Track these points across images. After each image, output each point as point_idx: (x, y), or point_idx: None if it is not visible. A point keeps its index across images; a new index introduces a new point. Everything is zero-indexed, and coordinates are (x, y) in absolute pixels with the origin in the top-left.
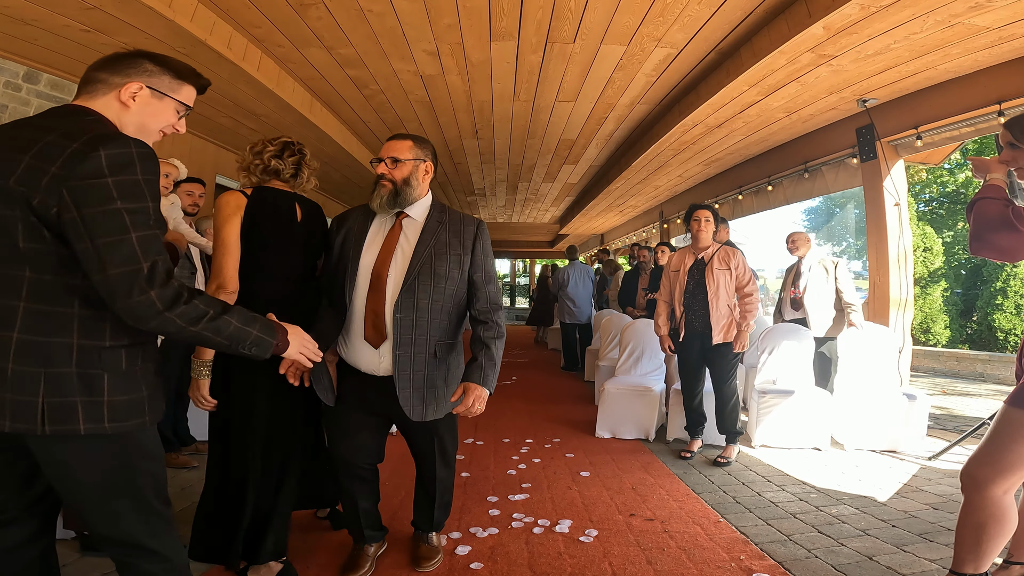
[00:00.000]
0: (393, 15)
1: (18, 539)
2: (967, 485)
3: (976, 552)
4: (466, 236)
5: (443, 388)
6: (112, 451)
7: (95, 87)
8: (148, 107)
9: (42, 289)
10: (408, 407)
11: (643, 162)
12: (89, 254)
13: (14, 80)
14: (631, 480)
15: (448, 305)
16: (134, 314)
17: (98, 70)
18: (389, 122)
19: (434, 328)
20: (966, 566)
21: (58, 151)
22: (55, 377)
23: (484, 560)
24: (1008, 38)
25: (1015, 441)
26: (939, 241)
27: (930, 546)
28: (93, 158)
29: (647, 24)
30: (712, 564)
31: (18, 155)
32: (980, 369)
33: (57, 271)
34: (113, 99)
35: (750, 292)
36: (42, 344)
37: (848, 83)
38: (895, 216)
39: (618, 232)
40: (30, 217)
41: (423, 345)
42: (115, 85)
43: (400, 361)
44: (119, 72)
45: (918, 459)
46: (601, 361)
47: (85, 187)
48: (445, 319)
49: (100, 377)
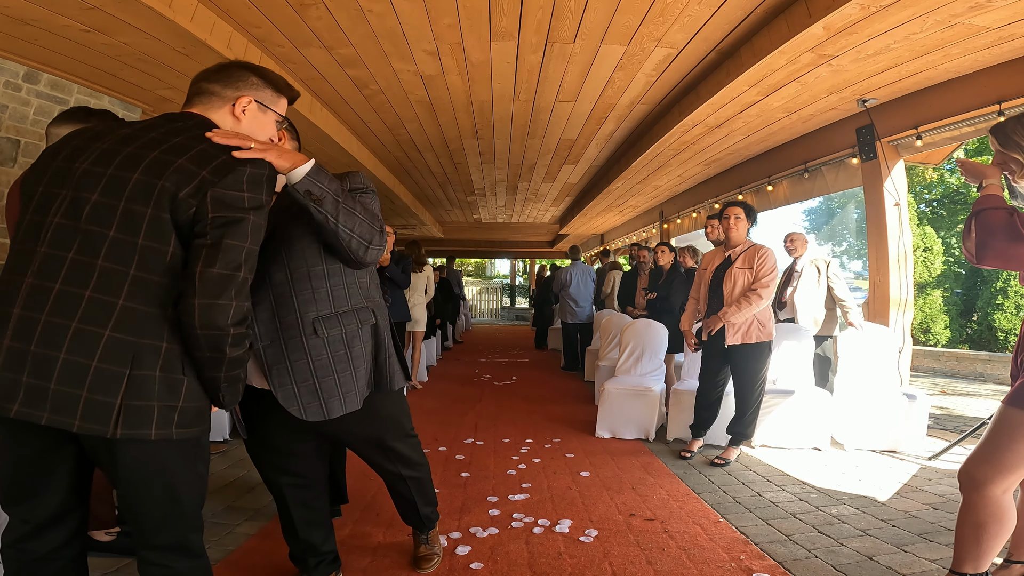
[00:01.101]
0: (393, 15)
1: (61, 539)
2: (965, 485)
3: (976, 552)
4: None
5: (347, 370)
6: (175, 456)
7: (210, 99)
8: (256, 120)
9: (143, 289)
10: (296, 407)
11: (643, 162)
12: (206, 250)
13: (14, 80)
14: (631, 480)
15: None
16: (209, 315)
17: (211, 82)
18: (389, 122)
19: (302, 301)
20: (966, 566)
21: (210, 159)
22: (138, 379)
23: (484, 560)
24: (1008, 38)
25: (1013, 440)
26: (939, 241)
27: (930, 546)
28: (239, 171)
29: (647, 24)
30: (712, 564)
31: (173, 157)
32: (980, 369)
33: (163, 273)
34: (227, 112)
35: (755, 288)
36: (131, 344)
37: (848, 83)
38: (895, 216)
39: (618, 232)
40: (163, 214)
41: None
42: (228, 99)
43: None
44: (231, 85)
45: (918, 459)
46: (601, 361)
47: (226, 195)
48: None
49: (181, 383)
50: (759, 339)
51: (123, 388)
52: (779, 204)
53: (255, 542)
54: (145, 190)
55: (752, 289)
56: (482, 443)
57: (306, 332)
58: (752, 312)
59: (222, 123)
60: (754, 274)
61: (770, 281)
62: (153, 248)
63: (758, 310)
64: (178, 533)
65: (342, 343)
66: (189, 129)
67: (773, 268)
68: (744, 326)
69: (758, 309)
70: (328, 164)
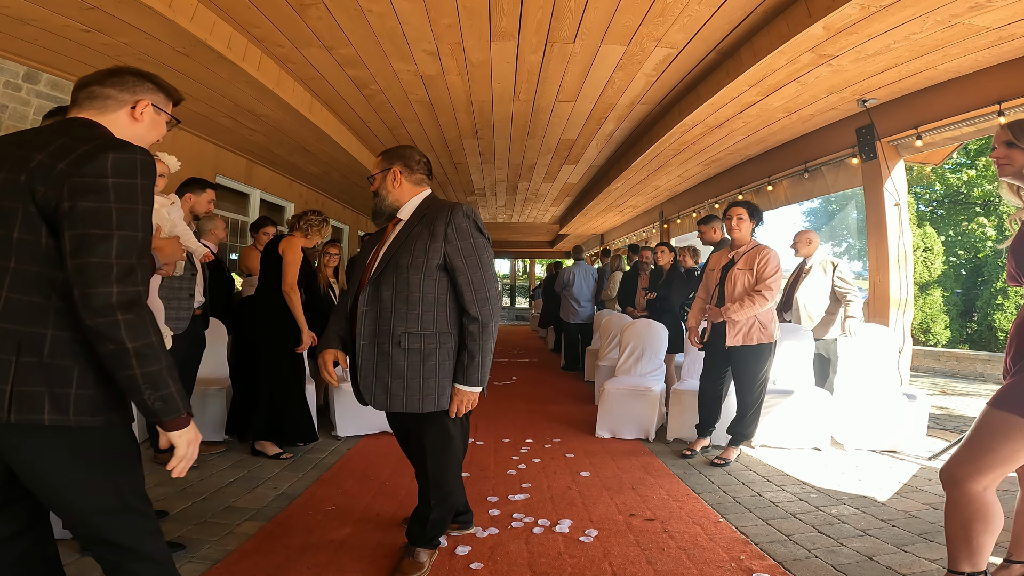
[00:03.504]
0: (393, 15)
1: (6, 532)
2: (946, 483)
3: (969, 549)
4: (438, 222)
5: (416, 379)
6: (78, 446)
7: (105, 103)
8: (153, 122)
9: (24, 280)
10: (368, 394)
11: (643, 162)
12: (75, 241)
13: (14, 80)
14: (631, 480)
15: (416, 295)
16: (90, 304)
17: (105, 87)
18: (389, 122)
19: (398, 318)
20: (961, 564)
21: (69, 151)
22: (26, 366)
23: (484, 560)
24: (1008, 38)
25: (995, 441)
26: (939, 241)
27: (930, 546)
28: (100, 159)
29: (647, 24)
30: (712, 564)
31: (34, 153)
32: (980, 369)
33: (42, 264)
34: (125, 115)
35: (759, 289)
36: (17, 332)
37: (848, 83)
38: (895, 216)
39: (618, 232)
40: (31, 208)
41: (386, 335)
42: (126, 102)
43: (364, 351)
44: (127, 90)
45: (918, 459)
46: (601, 361)
47: (87, 183)
48: (415, 308)
49: (71, 369)
50: (760, 340)
51: (11, 374)
52: (779, 204)
53: (255, 542)
54: (12, 187)
55: (756, 290)
56: (482, 443)
57: (392, 344)
58: (755, 311)
59: (116, 124)
60: (756, 275)
61: (774, 282)
62: (27, 240)
63: (762, 311)
64: (107, 529)
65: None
66: (67, 130)
67: (776, 269)
68: (745, 327)
69: (762, 309)
70: (328, 164)
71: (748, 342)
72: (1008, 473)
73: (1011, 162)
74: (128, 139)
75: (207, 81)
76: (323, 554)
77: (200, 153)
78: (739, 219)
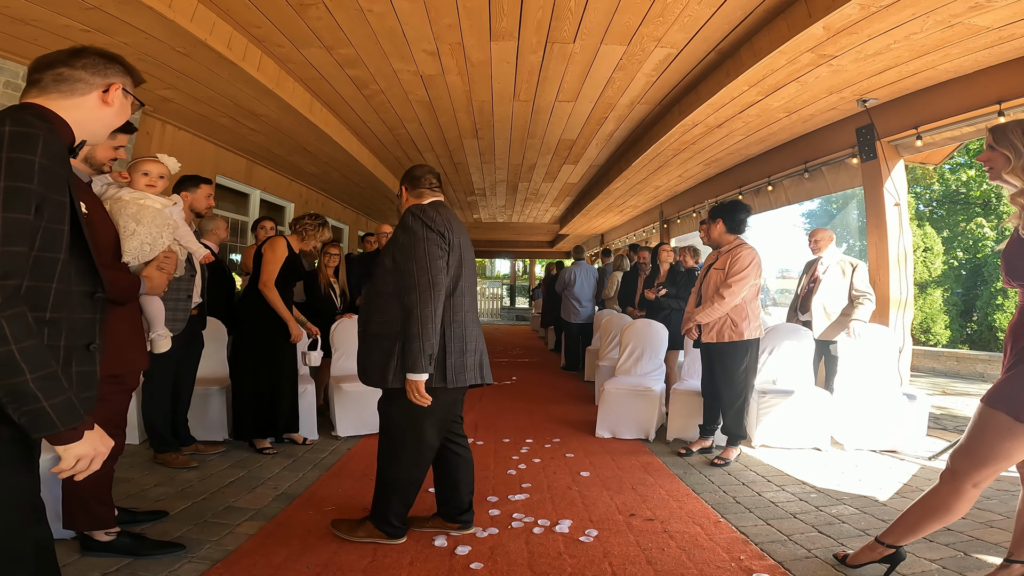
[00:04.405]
0: (393, 15)
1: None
2: (944, 473)
3: (911, 530)
4: (398, 226)
5: (377, 356)
6: None
7: (74, 85)
8: (121, 105)
9: None
10: (358, 370)
11: (643, 162)
12: None
13: (14, 80)
14: (631, 480)
15: (385, 290)
16: None
17: (74, 68)
18: (389, 122)
19: (371, 310)
20: (890, 536)
21: None
22: None
23: (484, 560)
24: (1008, 38)
25: (988, 436)
26: (939, 241)
27: (930, 546)
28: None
29: (647, 24)
30: (712, 564)
31: None
32: (980, 369)
33: None
34: (95, 98)
35: (720, 289)
36: None
37: (848, 83)
38: (895, 216)
39: (618, 232)
40: None
41: (363, 324)
42: (98, 85)
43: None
44: (99, 73)
45: (918, 459)
46: (601, 361)
47: None
48: (382, 302)
49: None
50: (731, 338)
51: None
52: (779, 204)
53: (255, 542)
54: None
55: (719, 291)
56: (482, 443)
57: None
58: (717, 313)
59: (83, 108)
60: (725, 274)
61: (736, 281)
62: None
63: (723, 311)
64: None
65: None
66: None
67: (743, 268)
68: (717, 325)
69: (722, 311)
70: (328, 164)
71: (720, 339)
72: (1005, 470)
73: (993, 165)
74: (94, 123)
75: (207, 81)
76: (323, 554)
77: (200, 153)
78: (702, 224)
